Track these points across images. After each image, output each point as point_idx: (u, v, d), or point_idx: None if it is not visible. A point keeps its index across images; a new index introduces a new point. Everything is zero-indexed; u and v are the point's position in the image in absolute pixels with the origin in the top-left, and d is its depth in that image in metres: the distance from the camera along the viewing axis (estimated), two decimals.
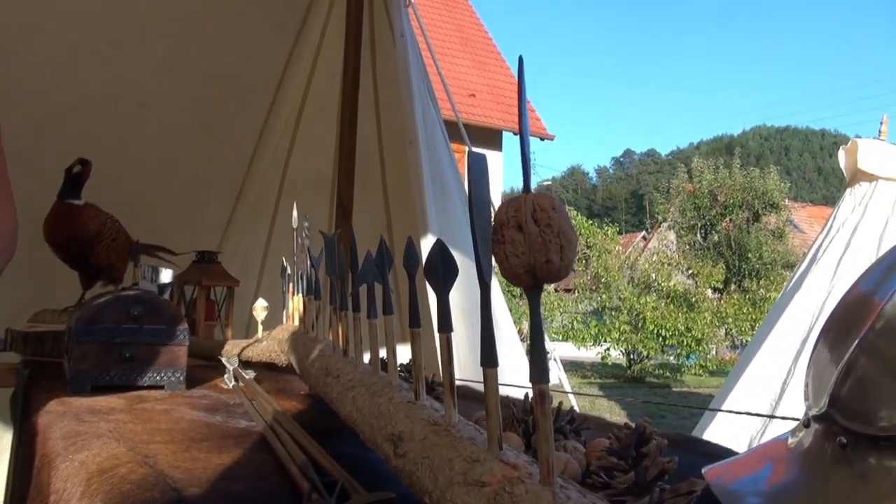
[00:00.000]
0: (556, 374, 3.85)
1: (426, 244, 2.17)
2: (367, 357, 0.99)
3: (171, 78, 2.68)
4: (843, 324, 0.71)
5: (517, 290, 12.70)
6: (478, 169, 0.55)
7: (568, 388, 3.85)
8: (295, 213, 1.54)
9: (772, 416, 2.73)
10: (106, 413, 1.04)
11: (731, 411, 3.06)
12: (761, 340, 5.53)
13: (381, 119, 2.94)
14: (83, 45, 2.41)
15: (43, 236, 1.94)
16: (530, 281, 0.47)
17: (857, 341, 0.66)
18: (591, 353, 13.08)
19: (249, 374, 1.46)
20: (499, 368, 0.54)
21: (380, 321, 0.84)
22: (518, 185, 0.49)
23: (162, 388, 1.33)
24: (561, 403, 0.89)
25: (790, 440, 0.72)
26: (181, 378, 1.36)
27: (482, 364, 0.55)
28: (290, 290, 1.57)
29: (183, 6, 2.65)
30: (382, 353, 0.86)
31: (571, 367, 15.09)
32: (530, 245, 0.46)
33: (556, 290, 15.41)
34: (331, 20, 2.94)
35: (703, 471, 0.78)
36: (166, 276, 1.62)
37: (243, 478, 0.74)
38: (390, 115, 2.82)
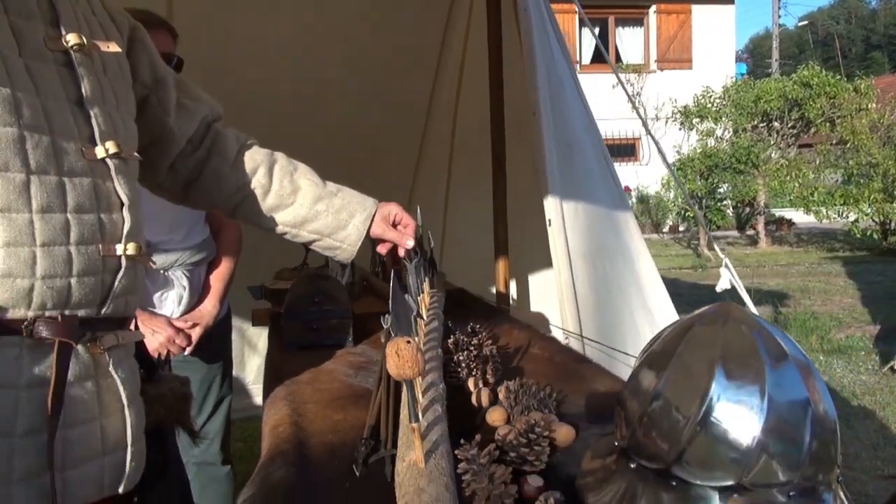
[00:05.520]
0: (729, 279, 3.91)
1: (547, 206, 2.59)
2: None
3: (351, 66, 3.35)
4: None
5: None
6: None
7: (744, 294, 3.85)
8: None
9: None
10: (294, 375, 1.78)
11: None
12: None
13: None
14: (283, 46, 3.17)
15: None
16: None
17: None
18: (840, 223, 12.01)
19: None
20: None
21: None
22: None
23: (340, 346, 2.07)
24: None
25: None
26: (349, 339, 2.08)
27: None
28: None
29: (356, 3, 3.27)
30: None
31: (817, 237, 13.91)
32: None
33: (797, 148, 13.64)
34: None
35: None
36: None
37: (340, 431, 1.39)
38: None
